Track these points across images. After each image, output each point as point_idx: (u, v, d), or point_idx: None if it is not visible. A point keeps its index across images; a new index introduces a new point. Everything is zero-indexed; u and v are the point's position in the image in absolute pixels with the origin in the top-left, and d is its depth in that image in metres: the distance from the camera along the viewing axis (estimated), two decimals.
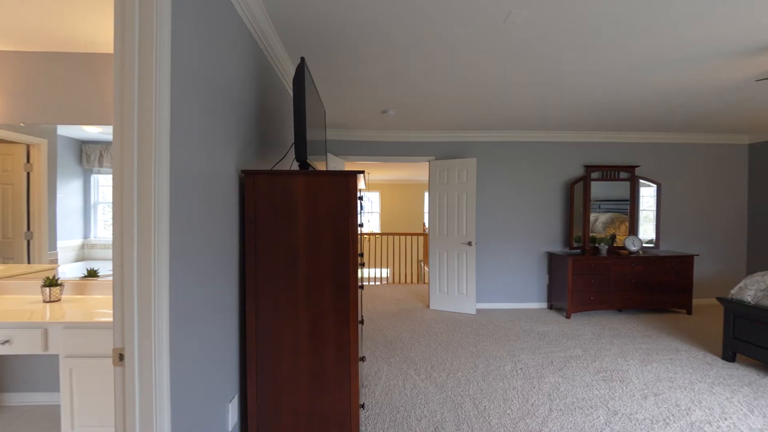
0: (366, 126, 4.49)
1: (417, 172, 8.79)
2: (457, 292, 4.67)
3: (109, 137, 2.45)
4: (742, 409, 2.36)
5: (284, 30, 2.13)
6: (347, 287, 1.65)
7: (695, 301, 5.02)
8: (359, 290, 1.85)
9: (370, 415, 2.28)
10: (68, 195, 2.63)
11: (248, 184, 1.65)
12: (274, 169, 1.81)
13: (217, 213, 1.47)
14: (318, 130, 2.08)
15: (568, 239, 4.89)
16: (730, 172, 5.09)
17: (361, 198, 1.90)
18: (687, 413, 2.31)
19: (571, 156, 4.93)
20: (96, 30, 1.92)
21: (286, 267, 1.67)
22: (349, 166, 6.49)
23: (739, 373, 2.88)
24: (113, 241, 1.06)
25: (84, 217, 2.77)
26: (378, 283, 7.17)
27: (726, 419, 2.24)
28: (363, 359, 2.15)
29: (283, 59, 2.44)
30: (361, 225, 2.01)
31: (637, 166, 4.83)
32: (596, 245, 4.68)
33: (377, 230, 10.90)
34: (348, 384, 1.74)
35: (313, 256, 1.66)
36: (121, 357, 1.07)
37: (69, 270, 2.46)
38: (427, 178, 9.61)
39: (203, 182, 1.35)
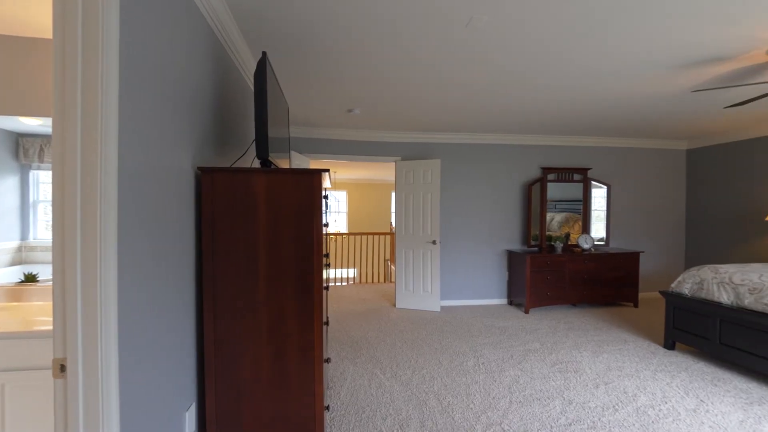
0: (332, 124, 4.45)
1: (384, 172, 8.82)
2: (422, 290, 4.74)
3: (50, 130, 2.27)
4: (679, 393, 2.57)
5: (245, 23, 2.07)
6: (311, 288, 1.63)
7: (641, 295, 5.41)
8: (324, 291, 1.83)
9: (335, 417, 2.26)
10: (3, 193, 2.40)
11: (205, 182, 1.58)
12: (234, 166, 1.74)
13: (171, 212, 1.39)
14: (281, 126, 2.03)
15: (526, 238, 5.10)
16: (671, 176, 5.53)
17: (326, 197, 1.87)
18: (633, 399, 2.48)
19: (529, 158, 5.15)
20: (38, 12, 1.77)
21: (246, 268, 1.61)
22: (314, 165, 6.41)
23: (678, 360, 3.13)
24: (53, 242, 0.98)
25: (21, 217, 2.54)
26: (345, 283, 7.13)
27: (666, 402, 2.43)
28: (328, 361, 2.12)
29: (244, 53, 2.37)
30: (326, 225, 1.98)
31: (589, 169, 5.13)
32: (552, 243, 4.91)
33: (344, 230, 10.84)
34: (312, 386, 1.71)
35: (276, 256, 1.62)
36: (63, 368, 0.98)
37: (3, 274, 2.24)
38: (393, 178, 9.67)
39: (156, 179, 1.27)
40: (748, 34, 2.13)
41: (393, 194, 10.82)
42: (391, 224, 10.53)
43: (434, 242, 4.66)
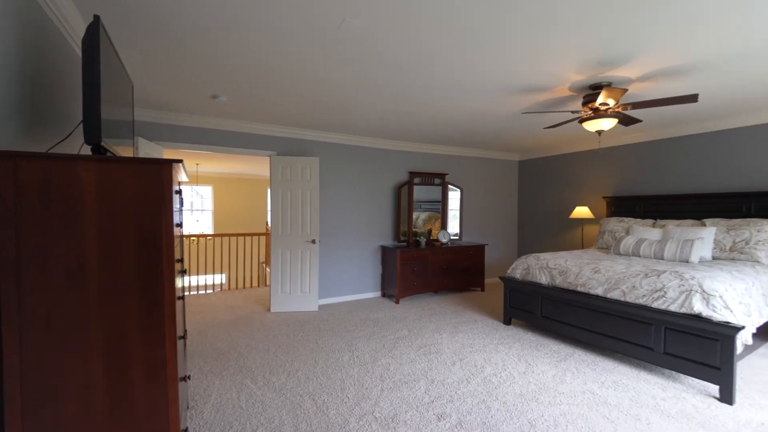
0: (194, 110, 3.95)
1: (258, 166, 8.28)
2: (299, 291, 4.63)
3: None
4: (514, 360, 3.11)
5: None
6: (160, 299, 1.40)
7: (487, 281, 6.41)
8: (179, 301, 1.61)
9: None
10: None
11: (4, 171, 1.21)
12: (52, 152, 1.37)
13: None
14: (121, 107, 1.70)
15: (396, 234, 5.49)
16: (508, 181, 6.69)
17: (179, 192, 1.64)
18: (481, 370, 2.90)
19: (399, 162, 5.55)
20: None
21: (70, 282, 1.30)
22: (169, 155, 5.62)
23: (513, 333, 3.80)
24: None
25: None
26: (211, 290, 6.46)
27: (505, 369, 2.92)
28: (187, 378, 1.88)
29: (71, 16, 1.90)
30: (180, 225, 1.74)
31: (446, 174, 5.82)
32: (417, 239, 5.40)
33: (209, 230, 9.79)
34: (165, 410, 1.48)
35: (112, 264, 1.34)
36: None
37: None
38: (268, 173, 9.17)
39: None
40: (556, 71, 2.71)
41: (269, 191, 10.26)
42: (267, 224, 9.96)
43: (313, 241, 4.60)
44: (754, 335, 2.84)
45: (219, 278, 8.97)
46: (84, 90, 1.30)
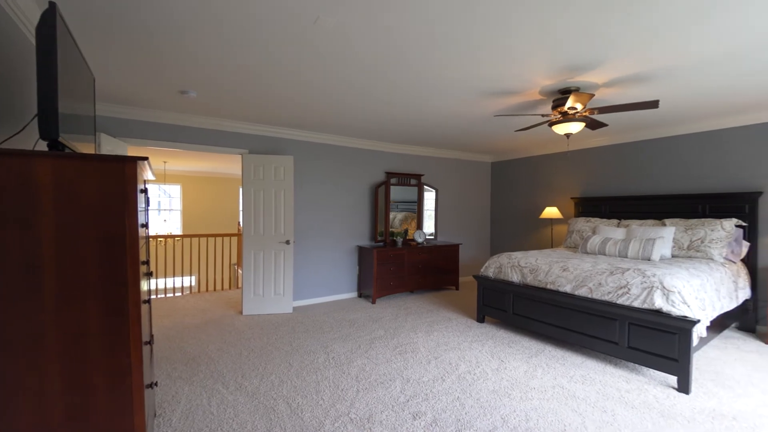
0: (163, 106, 3.78)
1: (229, 164, 8.05)
2: (273, 293, 4.53)
3: None
4: (487, 357, 3.18)
5: None
6: (124, 303, 1.33)
7: (461, 279, 6.51)
8: (145, 305, 1.54)
9: None
10: None
11: None
12: (2, 147, 1.27)
13: None
14: (81, 101, 1.60)
15: (374, 234, 5.49)
16: (481, 182, 6.83)
17: (144, 191, 1.57)
18: (456, 368, 2.94)
19: (376, 163, 5.55)
20: None
21: (22, 286, 1.21)
22: (136, 152, 5.38)
23: (486, 331, 3.87)
24: None
25: None
26: (180, 293, 6.24)
27: (479, 366, 2.98)
28: (153, 385, 1.80)
29: (22, 2, 1.78)
30: (145, 225, 1.67)
31: (422, 175, 5.87)
32: (394, 239, 5.42)
33: (178, 231, 9.44)
34: (130, 419, 1.41)
35: (71, 267, 1.26)
36: None
37: None
38: (240, 172, 8.95)
39: None
40: (525, 75, 2.79)
41: (241, 190, 10.01)
42: (239, 224, 9.71)
43: (288, 242, 4.52)
44: (708, 328, 3.03)
45: (188, 280, 8.67)
46: (39, 82, 1.22)
